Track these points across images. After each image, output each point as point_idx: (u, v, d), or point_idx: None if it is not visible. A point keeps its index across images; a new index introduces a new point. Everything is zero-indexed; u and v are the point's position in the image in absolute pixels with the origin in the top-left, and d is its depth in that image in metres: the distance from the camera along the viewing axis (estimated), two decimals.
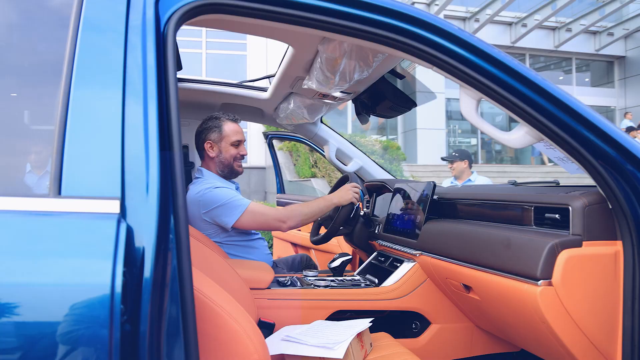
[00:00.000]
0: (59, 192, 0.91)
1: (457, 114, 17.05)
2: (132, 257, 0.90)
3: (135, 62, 1.03)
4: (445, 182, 5.12)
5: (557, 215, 1.37)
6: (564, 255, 1.25)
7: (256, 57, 14.36)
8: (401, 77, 2.05)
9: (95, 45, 1.03)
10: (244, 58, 14.80)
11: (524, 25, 15.94)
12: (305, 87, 2.01)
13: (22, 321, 0.80)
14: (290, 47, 1.86)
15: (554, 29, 16.56)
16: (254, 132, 12.36)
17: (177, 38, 1.20)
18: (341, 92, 2.26)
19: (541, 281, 1.27)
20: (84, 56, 1.00)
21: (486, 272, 1.50)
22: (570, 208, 1.31)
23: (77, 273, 0.84)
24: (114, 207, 0.90)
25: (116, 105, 0.99)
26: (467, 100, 1.30)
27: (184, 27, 1.16)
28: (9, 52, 1.10)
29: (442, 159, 4.73)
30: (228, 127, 2.39)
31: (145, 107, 1.01)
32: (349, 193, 2.33)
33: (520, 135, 1.30)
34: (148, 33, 1.05)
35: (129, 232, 0.90)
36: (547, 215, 1.41)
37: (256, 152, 12.48)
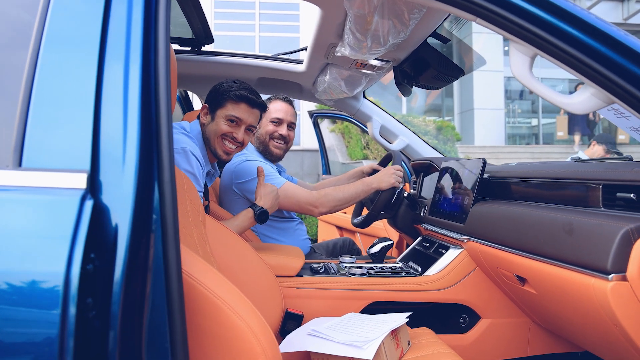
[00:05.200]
0: (19, 164, 0.78)
1: (517, 94, 16.27)
2: (104, 241, 0.76)
3: (118, 15, 0.88)
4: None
5: (632, 195, 1.12)
6: None
7: (309, 40, 14.10)
8: (445, 40, 1.81)
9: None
10: (297, 40, 14.60)
11: None
12: (339, 54, 1.82)
13: None
14: (318, 9, 1.67)
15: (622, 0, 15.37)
16: (306, 114, 12.20)
17: (230, 21, 1.04)
18: (379, 60, 2.04)
19: (613, 275, 1.03)
20: (57, 18, 0.87)
21: (544, 263, 1.27)
22: None
23: (24, 259, 0.71)
24: (80, 181, 0.76)
25: (90, 63, 0.84)
26: (519, 58, 1.09)
27: (237, 10, 0.99)
28: None
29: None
30: (272, 104, 2.38)
31: (127, 66, 0.85)
32: (391, 177, 2.13)
33: (585, 98, 1.07)
34: None
35: (99, 211, 0.76)
36: (618, 194, 1.16)
37: (309, 135, 12.30)
